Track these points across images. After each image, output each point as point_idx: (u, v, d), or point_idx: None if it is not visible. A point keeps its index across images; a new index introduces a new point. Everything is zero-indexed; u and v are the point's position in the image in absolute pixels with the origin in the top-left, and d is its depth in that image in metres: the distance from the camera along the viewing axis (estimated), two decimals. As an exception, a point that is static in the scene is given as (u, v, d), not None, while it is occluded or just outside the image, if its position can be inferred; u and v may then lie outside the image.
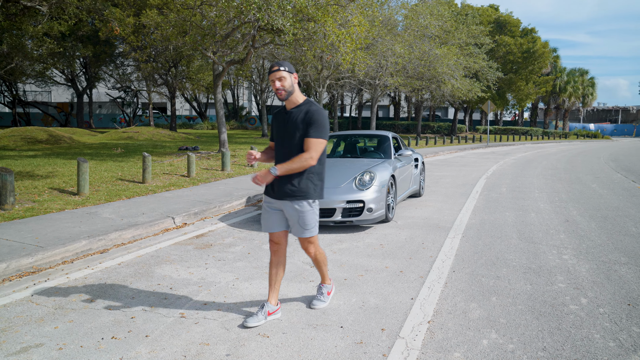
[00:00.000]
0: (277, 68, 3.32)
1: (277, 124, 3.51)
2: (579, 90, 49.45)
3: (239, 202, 8.33)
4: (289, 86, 3.34)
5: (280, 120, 3.49)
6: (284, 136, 3.42)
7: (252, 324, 3.36)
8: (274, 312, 3.51)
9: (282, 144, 3.44)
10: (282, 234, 3.54)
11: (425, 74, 27.39)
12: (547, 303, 3.90)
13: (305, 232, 3.44)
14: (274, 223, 3.50)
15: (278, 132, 3.49)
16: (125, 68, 34.49)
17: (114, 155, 15.07)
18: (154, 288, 4.16)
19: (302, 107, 3.40)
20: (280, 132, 3.47)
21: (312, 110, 3.35)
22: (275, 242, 3.55)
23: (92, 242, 5.42)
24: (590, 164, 18.11)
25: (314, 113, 3.33)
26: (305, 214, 3.40)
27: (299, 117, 3.36)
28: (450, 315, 3.63)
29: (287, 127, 3.40)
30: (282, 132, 3.44)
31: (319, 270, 3.77)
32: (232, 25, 15.03)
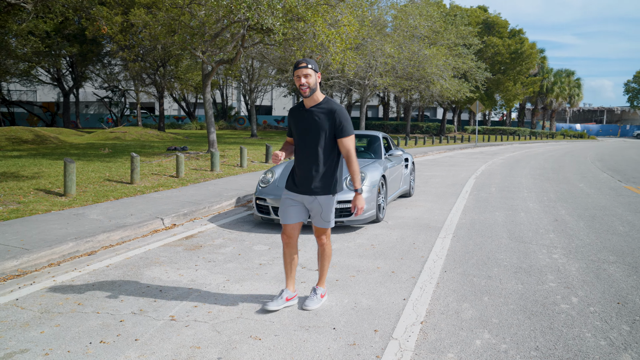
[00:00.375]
0: (304, 65, 3.41)
1: (296, 121, 3.60)
2: (565, 90, 50.01)
3: (229, 203, 8.26)
4: (313, 84, 3.44)
5: (299, 118, 3.57)
6: (307, 134, 3.52)
7: (273, 308, 3.59)
8: (292, 299, 3.74)
9: (305, 141, 3.54)
10: (296, 225, 3.71)
11: (414, 74, 27.49)
12: (539, 302, 3.91)
13: (326, 223, 3.65)
14: (292, 215, 3.67)
15: (299, 130, 3.58)
16: (112, 67, 34.11)
17: (101, 155, 14.88)
18: (143, 290, 4.09)
19: (323, 106, 3.51)
20: (301, 130, 3.56)
21: (335, 109, 3.48)
22: (288, 235, 3.71)
23: (79, 244, 5.33)
24: (577, 163, 18.31)
25: (339, 113, 3.47)
26: (328, 207, 3.60)
27: (322, 116, 3.48)
28: (443, 316, 3.62)
29: (309, 125, 3.50)
30: (304, 130, 3.54)
31: (321, 266, 3.82)
32: (222, 25, 14.94)
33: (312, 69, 3.43)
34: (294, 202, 3.67)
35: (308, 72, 3.41)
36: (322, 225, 3.67)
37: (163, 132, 28.03)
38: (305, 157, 3.54)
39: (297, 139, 3.61)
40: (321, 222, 3.65)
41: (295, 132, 3.62)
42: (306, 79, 3.41)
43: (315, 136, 3.49)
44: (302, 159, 3.57)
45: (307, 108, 3.54)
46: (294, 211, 3.66)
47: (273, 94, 58.42)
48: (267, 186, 6.76)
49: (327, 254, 3.78)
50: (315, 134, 3.49)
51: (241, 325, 3.40)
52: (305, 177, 3.54)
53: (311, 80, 3.42)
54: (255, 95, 34.63)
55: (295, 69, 3.44)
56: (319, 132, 3.48)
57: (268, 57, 24.04)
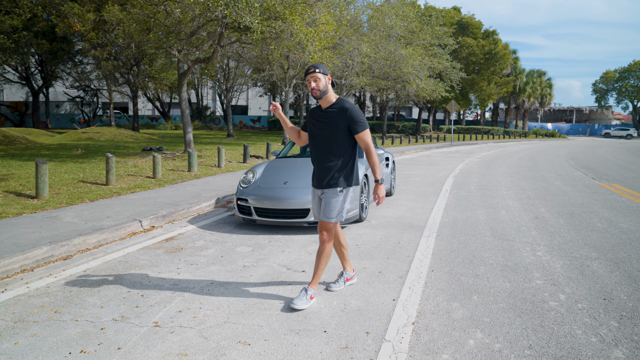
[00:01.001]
0: (313, 70, 3.66)
1: (314, 121, 3.84)
2: (537, 90, 51.14)
3: (208, 204, 8.09)
4: (323, 86, 3.67)
5: (317, 118, 3.82)
6: (321, 133, 3.77)
7: (335, 289, 4.04)
8: (351, 278, 4.17)
9: (321, 139, 3.78)
10: None
11: (390, 74, 27.65)
12: (527, 300, 3.91)
13: (327, 218, 3.77)
14: (319, 211, 3.94)
15: (314, 129, 3.83)
16: (84, 66, 33.22)
17: (74, 156, 14.44)
18: (124, 296, 3.92)
19: (336, 106, 3.74)
20: (317, 129, 3.81)
21: (348, 108, 3.69)
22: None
23: (54, 249, 5.10)
24: (551, 162, 18.70)
25: (352, 111, 3.68)
26: (331, 200, 3.76)
27: (336, 115, 3.72)
28: (434, 316, 3.58)
29: (325, 124, 3.75)
30: (319, 129, 3.79)
31: (317, 265, 3.85)
32: (198, 23, 14.68)
33: (321, 73, 3.66)
34: (315, 197, 3.97)
35: (317, 76, 3.65)
36: (323, 218, 3.79)
37: (137, 132, 27.46)
38: (319, 154, 3.81)
39: (313, 138, 3.86)
40: (324, 215, 3.79)
41: (311, 130, 3.87)
42: (316, 82, 3.65)
43: (328, 134, 3.73)
44: (316, 156, 3.84)
45: (323, 109, 3.79)
46: (318, 207, 3.95)
47: (249, 93, 57.97)
48: (249, 186, 6.63)
49: (326, 253, 3.83)
50: (328, 132, 3.73)
51: (229, 330, 3.28)
52: (318, 172, 3.82)
53: (321, 84, 3.66)
54: (232, 95, 34.27)
55: (306, 75, 3.68)
56: (332, 130, 3.72)
57: (245, 56, 23.78)
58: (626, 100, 67.42)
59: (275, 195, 6.23)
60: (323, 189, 3.81)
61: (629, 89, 65.81)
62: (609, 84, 67.89)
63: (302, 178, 6.53)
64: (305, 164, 7.30)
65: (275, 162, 7.49)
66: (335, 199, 3.75)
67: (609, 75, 67.54)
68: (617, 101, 68.37)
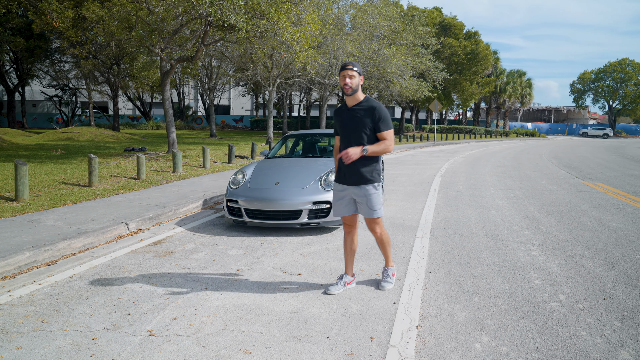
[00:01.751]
0: (350, 67, 3.75)
1: (341, 119, 3.93)
2: (517, 90, 51.86)
3: (195, 205, 7.91)
4: (355, 85, 3.77)
5: (344, 117, 3.90)
6: (351, 131, 3.84)
7: (334, 292, 3.94)
8: (350, 282, 4.12)
9: (349, 138, 3.85)
10: (352, 217, 4.04)
11: (374, 73, 27.67)
12: (528, 301, 3.87)
13: (373, 212, 3.88)
14: (344, 208, 4.00)
15: (343, 128, 3.92)
16: (62, 65, 32.43)
17: (54, 157, 14.04)
18: (115, 303, 3.75)
19: (364, 104, 3.83)
20: (346, 128, 3.89)
21: (375, 106, 3.78)
22: (348, 225, 4.08)
23: (37, 254, 4.88)
24: (534, 161, 18.91)
25: (379, 109, 3.77)
26: (372, 196, 3.85)
27: (363, 113, 3.81)
28: (437, 319, 3.51)
29: (353, 122, 3.82)
30: (349, 127, 3.86)
31: (383, 251, 4.14)
32: (181, 21, 14.42)
33: (356, 71, 3.76)
34: (343, 195, 3.99)
35: (353, 73, 3.74)
36: (369, 215, 3.91)
37: (118, 132, 26.94)
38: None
39: (343, 136, 3.92)
40: (368, 212, 3.90)
41: (341, 129, 3.95)
42: (350, 79, 3.74)
43: (359, 132, 3.81)
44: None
45: (349, 107, 3.88)
46: (344, 204, 4.00)
47: (231, 93, 57.49)
48: (238, 187, 6.48)
49: (385, 241, 4.08)
50: (358, 130, 3.81)
51: (227, 338, 3.15)
52: (351, 169, 3.85)
53: (354, 82, 3.76)
54: (214, 94, 33.89)
55: (342, 70, 3.76)
56: (361, 128, 3.80)
57: (228, 55, 23.51)
58: (603, 100, 68.89)
59: (266, 196, 6.09)
60: (361, 186, 3.86)
61: (605, 89, 67.25)
62: (585, 84, 69.26)
63: (294, 178, 6.41)
64: (295, 164, 7.19)
65: (264, 163, 7.35)
66: (375, 194, 3.88)
67: (586, 76, 68.91)
68: (594, 101, 69.80)
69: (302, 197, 6.01)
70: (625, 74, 65.37)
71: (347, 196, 3.97)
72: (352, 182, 3.89)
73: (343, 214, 4.03)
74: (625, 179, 12.56)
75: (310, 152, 8.35)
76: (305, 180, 6.33)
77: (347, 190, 3.94)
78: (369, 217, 3.92)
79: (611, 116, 69.12)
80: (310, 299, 3.87)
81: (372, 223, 3.98)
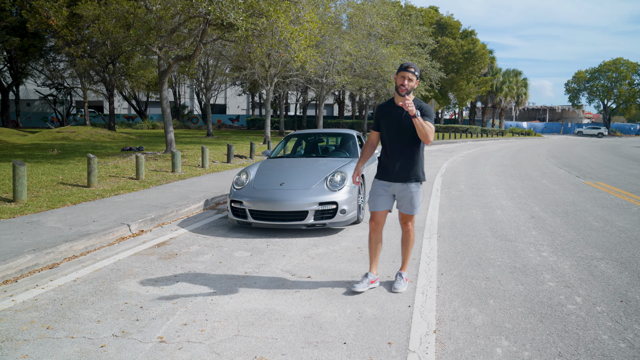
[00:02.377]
0: (412, 70, 3.81)
1: (388, 117, 3.99)
2: (513, 90, 51.95)
3: (197, 206, 7.80)
4: (411, 88, 3.85)
5: (392, 114, 3.96)
6: (399, 129, 3.92)
7: (359, 289, 3.97)
8: (375, 281, 4.14)
9: (399, 135, 3.94)
10: (383, 213, 4.09)
11: (371, 72, 27.61)
12: (544, 304, 3.79)
13: (414, 209, 4.01)
14: (382, 203, 4.05)
15: (389, 124, 3.99)
16: (57, 64, 32.12)
17: (50, 157, 13.86)
18: (122, 308, 3.65)
19: (414, 104, 3.82)
20: (392, 126, 3.96)
21: (423, 106, 3.87)
22: (376, 222, 4.11)
23: (38, 257, 4.76)
24: (533, 160, 18.90)
25: (426, 108, 3.86)
26: (416, 194, 3.97)
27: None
28: (454, 323, 3.42)
29: (401, 121, 3.89)
30: (396, 125, 3.93)
31: (405, 251, 4.18)
32: (179, 20, 14.28)
33: (416, 75, 3.82)
34: (384, 191, 4.04)
35: (412, 77, 3.80)
36: (409, 212, 4.01)
37: (114, 131, 26.72)
38: (399, 149, 3.93)
39: (389, 133, 3.98)
40: (410, 209, 4.00)
41: (387, 127, 4.00)
42: (409, 82, 3.81)
43: (409, 130, 3.87)
44: (394, 151, 3.95)
45: (398, 105, 3.92)
46: (383, 200, 4.04)
47: (227, 92, 57.28)
48: (243, 188, 6.37)
49: (412, 240, 4.15)
50: (408, 129, 3.87)
51: (242, 345, 3.05)
52: (400, 166, 3.93)
53: (412, 84, 3.83)
54: (211, 93, 33.71)
55: (403, 70, 3.81)
56: (409, 128, 3.85)
57: (226, 54, 23.36)
58: (597, 99, 69.23)
59: (271, 197, 5.99)
60: (407, 184, 3.95)
61: (599, 88, 67.58)
62: (580, 83, 69.57)
63: (299, 179, 6.32)
64: (300, 164, 7.08)
65: (268, 163, 7.25)
66: (417, 192, 3.99)
67: (581, 76, 69.23)
68: (589, 101, 70.14)
69: (308, 198, 5.91)
70: (619, 74, 65.74)
71: (389, 192, 4.04)
72: (399, 178, 3.95)
73: (379, 209, 4.07)
74: (626, 178, 12.55)
75: (314, 152, 8.25)
76: (311, 181, 6.23)
77: (392, 187, 4.00)
78: (409, 213, 4.03)
79: (605, 115, 69.46)
80: (322, 302, 3.78)
81: (408, 219, 4.09)
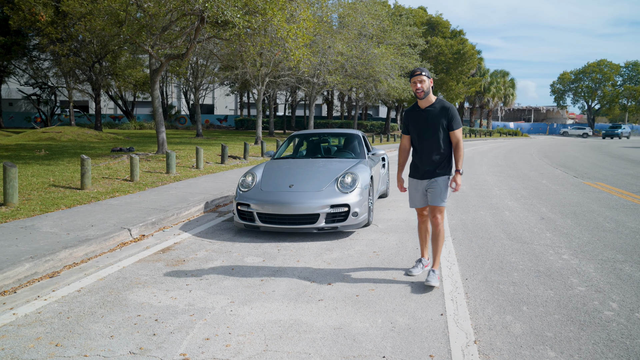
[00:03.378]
0: (419, 73, 4.05)
1: (414, 120, 4.24)
2: (501, 90, 52.34)
3: (197, 209, 7.52)
4: (426, 88, 4.06)
5: (417, 117, 4.22)
6: (426, 130, 4.17)
7: (415, 273, 4.38)
8: (427, 265, 4.51)
9: (424, 136, 4.20)
10: (426, 207, 4.37)
11: (363, 72, 27.47)
12: (580, 310, 3.62)
13: (442, 202, 4.19)
14: (419, 200, 4.37)
15: (417, 127, 4.24)
16: (41, 62, 31.36)
17: (38, 157, 13.40)
18: (135, 321, 3.38)
19: (436, 105, 4.15)
20: (420, 127, 4.21)
21: (448, 107, 4.12)
22: (422, 214, 4.45)
23: (37, 265, 4.46)
24: (526, 160, 18.91)
25: (451, 110, 4.11)
26: (442, 187, 4.18)
27: (437, 113, 4.12)
28: (493, 332, 3.23)
29: (427, 122, 4.14)
30: (423, 127, 4.18)
31: (435, 247, 4.29)
32: (171, 17, 13.93)
33: (425, 76, 4.05)
34: (416, 189, 4.33)
35: (422, 78, 4.03)
36: (436, 202, 4.19)
37: (101, 131, 26.15)
38: (426, 148, 4.19)
39: (416, 135, 4.25)
40: (438, 200, 4.19)
41: (414, 129, 4.27)
42: (421, 84, 4.03)
43: (434, 130, 4.13)
44: (423, 150, 4.21)
45: (422, 108, 4.18)
46: (420, 196, 4.34)
47: (215, 92, 56.71)
48: (249, 190, 6.12)
49: (441, 235, 4.26)
50: (433, 129, 4.13)
51: (272, 361, 2.82)
52: (427, 164, 4.19)
53: (425, 85, 4.04)
54: (200, 93, 33.25)
55: (412, 77, 4.07)
56: (436, 127, 4.12)
57: (217, 53, 23.00)
58: (582, 100, 70.15)
59: (280, 199, 5.75)
60: (435, 178, 4.17)
61: (584, 89, 68.49)
62: (565, 84, 70.44)
63: (308, 180, 6.09)
64: (307, 166, 6.85)
65: (273, 164, 7.00)
66: (446, 185, 4.18)
67: (566, 77, 70.09)
68: (574, 101, 71.05)
69: (319, 200, 5.69)
70: (603, 75, 66.69)
71: (421, 190, 4.29)
72: (428, 176, 4.20)
73: (418, 205, 4.36)
74: (623, 178, 12.56)
75: (320, 152, 8.01)
76: (321, 183, 6.00)
77: (422, 184, 4.26)
78: (436, 204, 4.19)
79: (590, 116, 70.42)
80: (349, 312, 3.56)
81: (437, 212, 4.22)
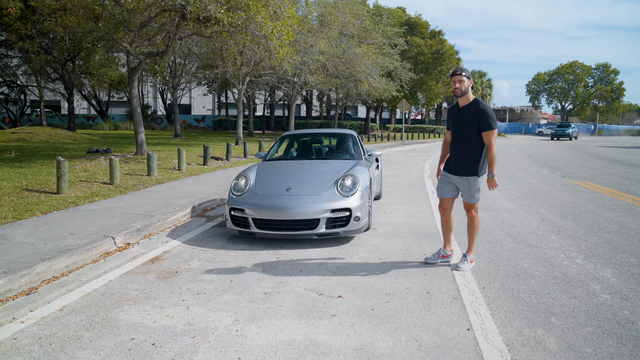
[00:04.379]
0: (459, 73, 4.31)
1: (454, 117, 4.51)
2: (479, 90, 52.98)
3: (184, 213, 7.09)
4: (464, 88, 4.31)
5: (456, 115, 4.48)
6: (461, 128, 4.40)
7: (431, 261, 4.69)
8: (447, 256, 4.72)
9: (459, 134, 4.44)
10: (450, 199, 4.67)
11: (344, 72, 27.26)
12: (612, 321, 3.39)
13: (473, 199, 4.49)
14: (447, 191, 4.64)
15: (455, 125, 4.48)
16: (9, 59, 30.08)
17: (7, 160, 12.67)
18: (129, 346, 2.98)
19: (473, 105, 4.35)
20: (456, 125, 4.47)
21: (482, 108, 4.29)
22: (443, 207, 4.70)
23: (11, 280, 4.01)
24: (510, 160, 18.95)
25: (486, 111, 4.28)
26: (474, 186, 4.43)
27: (472, 113, 4.32)
28: (527, 349, 2.96)
29: (463, 120, 4.37)
30: (459, 125, 4.43)
31: (470, 236, 4.63)
32: (150, 13, 13.38)
33: (465, 76, 4.31)
34: (449, 180, 4.61)
35: (462, 79, 4.29)
36: (469, 200, 4.52)
37: (74, 132, 25.22)
38: (460, 146, 4.42)
39: (455, 132, 4.48)
40: (470, 198, 4.50)
41: (453, 126, 4.52)
42: (460, 84, 4.29)
43: (467, 129, 4.35)
44: (458, 147, 4.44)
45: (460, 107, 4.43)
46: (449, 188, 4.62)
47: (193, 92, 55.75)
48: (243, 194, 5.74)
49: (476, 226, 4.59)
50: (467, 128, 4.35)
51: (293, 392, 2.48)
52: (460, 161, 4.43)
53: (463, 85, 4.30)
54: (178, 93, 32.48)
55: (452, 76, 4.32)
56: (469, 126, 4.33)
57: (196, 51, 22.41)
58: (556, 100, 71.63)
59: (278, 204, 5.39)
60: (465, 177, 4.42)
61: (557, 90, 69.94)
62: (540, 85, 71.81)
63: (306, 183, 5.74)
64: (304, 167, 6.50)
65: (266, 166, 6.63)
66: (475, 184, 4.42)
67: (540, 77, 71.48)
68: (548, 102, 72.52)
69: (319, 205, 5.35)
70: (575, 76, 68.23)
71: (452, 183, 4.56)
72: (458, 172, 4.46)
73: (445, 196, 4.63)
74: (610, 177, 12.60)
75: (314, 153, 7.66)
76: (320, 185, 5.66)
77: (453, 178, 4.53)
78: (468, 202, 4.52)
79: (563, 116, 71.95)
80: (368, 328, 3.24)
81: (470, 207, 4.55)
